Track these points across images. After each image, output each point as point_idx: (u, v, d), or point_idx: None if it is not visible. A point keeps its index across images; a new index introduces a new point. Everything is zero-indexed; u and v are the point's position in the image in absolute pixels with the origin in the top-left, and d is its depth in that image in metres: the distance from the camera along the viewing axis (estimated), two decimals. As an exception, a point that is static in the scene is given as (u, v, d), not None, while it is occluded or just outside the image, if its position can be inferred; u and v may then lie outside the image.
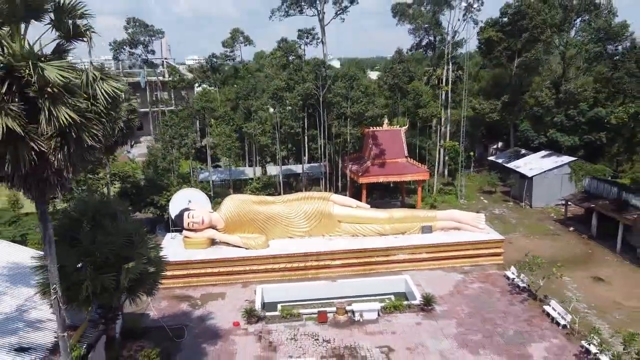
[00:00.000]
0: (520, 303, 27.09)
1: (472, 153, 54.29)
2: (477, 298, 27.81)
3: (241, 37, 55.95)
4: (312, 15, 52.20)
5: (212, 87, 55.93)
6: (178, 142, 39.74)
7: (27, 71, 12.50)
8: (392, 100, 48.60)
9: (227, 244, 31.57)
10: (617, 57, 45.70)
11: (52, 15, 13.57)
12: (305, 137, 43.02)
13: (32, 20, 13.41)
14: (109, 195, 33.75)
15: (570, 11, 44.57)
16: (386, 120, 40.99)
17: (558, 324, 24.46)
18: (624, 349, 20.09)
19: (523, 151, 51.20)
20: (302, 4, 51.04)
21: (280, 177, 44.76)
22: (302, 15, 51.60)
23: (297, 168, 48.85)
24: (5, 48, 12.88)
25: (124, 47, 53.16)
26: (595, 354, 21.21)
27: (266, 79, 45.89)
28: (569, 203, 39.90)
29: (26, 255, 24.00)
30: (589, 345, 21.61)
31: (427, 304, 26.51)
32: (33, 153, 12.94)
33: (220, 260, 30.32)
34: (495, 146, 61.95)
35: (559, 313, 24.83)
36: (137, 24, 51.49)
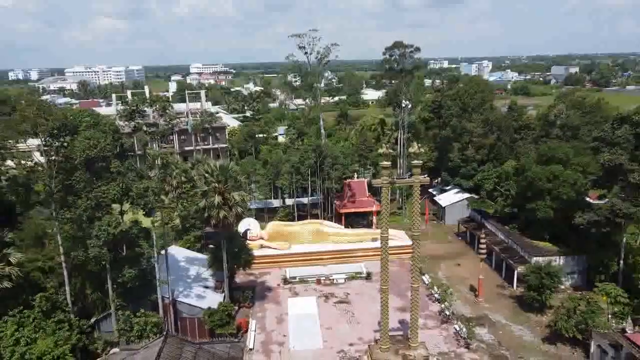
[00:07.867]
0: (413, 275, 56.19)
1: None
2: (394, 273, 56.47)
3: None
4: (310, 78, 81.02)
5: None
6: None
7: (226, 194, 42.10)
8: (361, 159, 77.91)
9: (269, 247, 60.66)
10: (498, 132, 74.64)
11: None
12: (309, 182, 72.16)
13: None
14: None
15: (467, 107, 73.98)
16: (356, 175, 70.22)
17: (425, 283, 53.68)
18: (437, 289, 49.50)
19: (446, 187, 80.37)
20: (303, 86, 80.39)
21: (296, 206, 73.90)
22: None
23: (304, 199, 77.95)
24: (218, 188, 42.37)
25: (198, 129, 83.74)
26: (433, 294, 50.57)
27: (285, 155, 75.82)
28: (460, 223, 69.11)
29: (186, 252, 53.53)
30: (432, 291, 50.92)
31: (369, 276, 55.72)
32: (226, 221, 42.45)
33: (266, 256, 59.42)
34: (436, 180, 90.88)
35: (427, 279, 54.04)
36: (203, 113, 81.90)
